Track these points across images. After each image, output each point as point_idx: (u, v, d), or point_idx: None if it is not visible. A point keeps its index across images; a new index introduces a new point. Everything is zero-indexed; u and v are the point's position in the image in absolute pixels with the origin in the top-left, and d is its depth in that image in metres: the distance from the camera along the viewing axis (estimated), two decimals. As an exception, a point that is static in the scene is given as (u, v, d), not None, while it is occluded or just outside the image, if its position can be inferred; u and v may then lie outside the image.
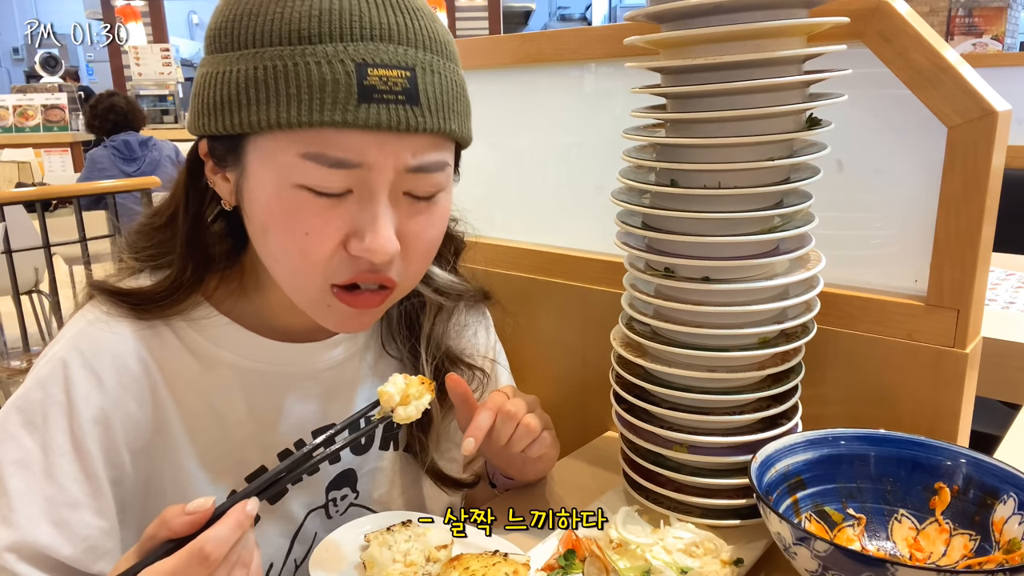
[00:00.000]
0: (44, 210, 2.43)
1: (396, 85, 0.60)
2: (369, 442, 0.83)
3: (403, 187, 0.64)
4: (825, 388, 0.85)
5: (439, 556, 0.70)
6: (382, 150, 0.61)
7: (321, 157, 0.60)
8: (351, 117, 0.58)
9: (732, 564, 0.69)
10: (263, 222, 0.65)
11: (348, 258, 0.64)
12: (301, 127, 0.59)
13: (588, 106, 1.07)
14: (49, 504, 0.65)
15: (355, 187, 0.62)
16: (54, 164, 5.81)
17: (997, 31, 4.72)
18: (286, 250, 0.65)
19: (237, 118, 0.61)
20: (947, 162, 0.75)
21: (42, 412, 0.66)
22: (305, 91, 0.58)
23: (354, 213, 0.63)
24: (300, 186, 0.61)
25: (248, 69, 0.60)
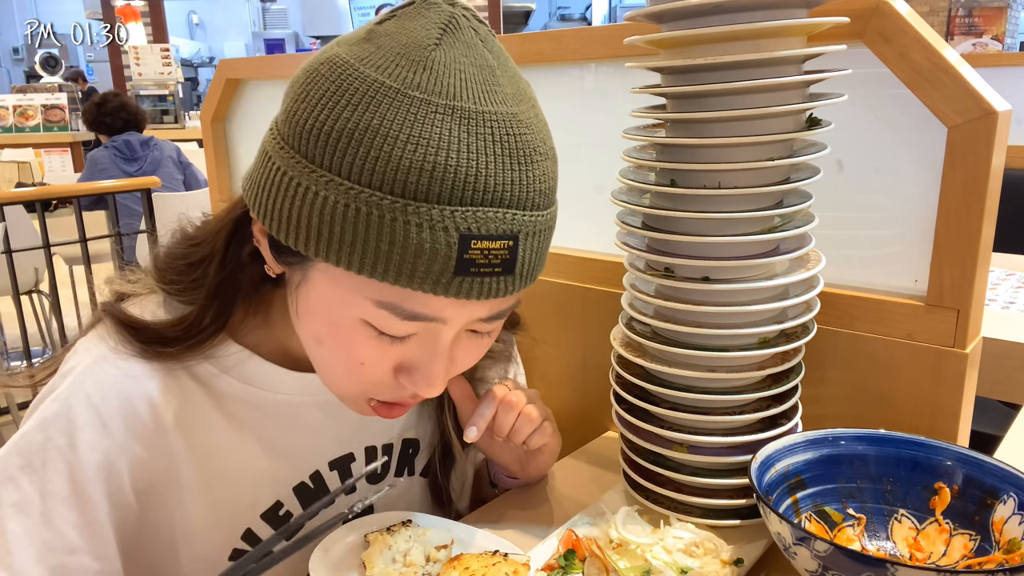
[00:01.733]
0: (44, 210, 2.43)
1: (496, 258, 0.55)
2: (385, 470, 0.82)
3: (468, 328, 0.62)
4: (825, 388, 0.85)
5: (439, 556, 0.70)
6: (462, 310, 0.58)
7: (398, 309, 0.57)
8: (442, 290, 0.54)
9: (732, 564, 0.69)
10: (318, 335, 0.62)
11: (394, 384, 0.63)
12: (387, 282, 0.55)
13: (588, 106, 1.07)
14: (46, 549, 0.63)
15: (421, 332, 0.60)
16: (54, 164, 5.81)
17: (997, 31, 4.72)
18: (333, 367, 0.64)
19: (315, 247, 0.56)
20: (947, 162, 0.75)
21: (42, 456, 0.63)
22: (399, 252, 0.53)
23: (413, 350, 0.61)
24: (365, 322, 0.58)
25: (339, 203, 0.53)
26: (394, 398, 0.65)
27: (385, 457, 0.80)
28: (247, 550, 0.72)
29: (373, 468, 0.67)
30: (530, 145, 0.57)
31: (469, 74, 0.55)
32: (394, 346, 0.60)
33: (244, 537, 0.73)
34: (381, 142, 0.52)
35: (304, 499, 0.76)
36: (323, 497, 0.76)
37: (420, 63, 0.54)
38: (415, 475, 0.85)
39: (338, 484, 0.78)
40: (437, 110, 0.53)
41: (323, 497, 0.76)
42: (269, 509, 0.74)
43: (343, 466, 0.78)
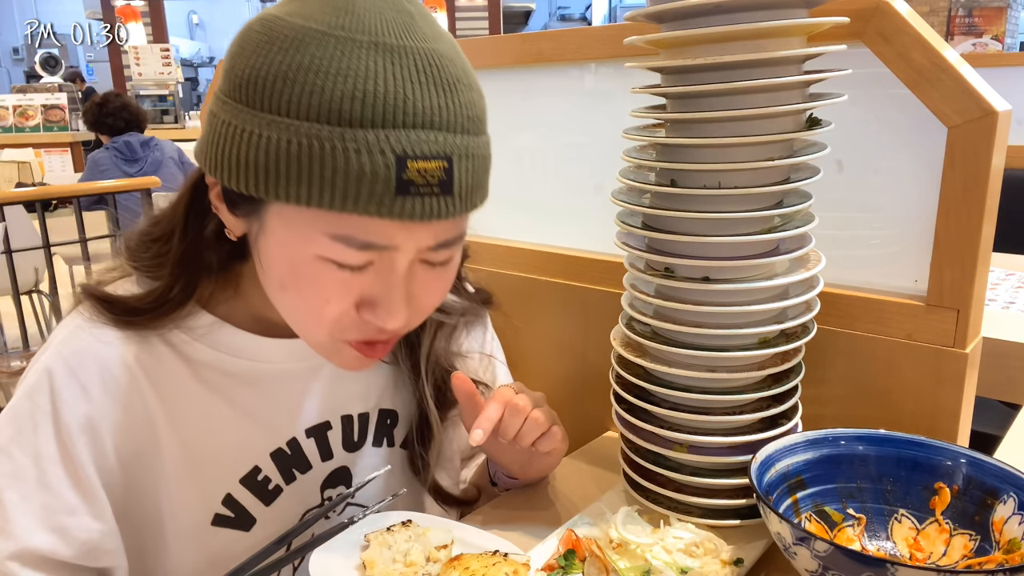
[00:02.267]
0: (44, 210, 2.43)
1: (433, 177, 0.59)
2: (363, 439, 0.83)
3: (420, 258, 0.64)
4: (825, 388, 0.85)
5: (439, 556, 0.70)
6: (410, 235, 0.61)
7: (350, 240, 0.60)
8: (386, 211, 0.58)
9: (732, 564, 0.69)
10: (281, 282, 0.65)
11: (359, 321, 0.65)
12: (335, 211, 0.58)
13: (588, 106, 1.07)
14: (46, 512, 0.66)
15: (376, 261, 0.62)
16: (54, 164, 5.81)
17: (997, 31, 4.72)
18: (299, 310, 0.66)
19: (264, 186, 0.59)
20: (947, 162, 0.75)
21: (31, 422, 0.67)
22: (341, 178, 0.57)
23: (372, 283, 0.63)
24: (323, 258, 0.61)
25: (281, 140, 0.57)
26: (363, 336, 0.66)
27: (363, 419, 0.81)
28: (229, 516, 0.74)
29: (372, 479, 0.70)
30: (453, 76, 0.60)
31: (389, 17, 0.59)
32: (354, 279, 0.62)
33: (225, 503, 0.74)
34: (313, 78, 0.56)
35: (281, 465, 0.77)
36: (300, 463, 0.79)
37: (342, 8, 0.58)
38: (394, 446, 0.85)
39: (315, 452, 0.80)
40: (362, 46, 0.57)
41: (300, 463, 0.79)
42: (248, 474, 0.75)
43: (320, 434, 0.80)
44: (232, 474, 0.75)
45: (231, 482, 0.75)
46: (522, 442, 0.78)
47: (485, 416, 0.75)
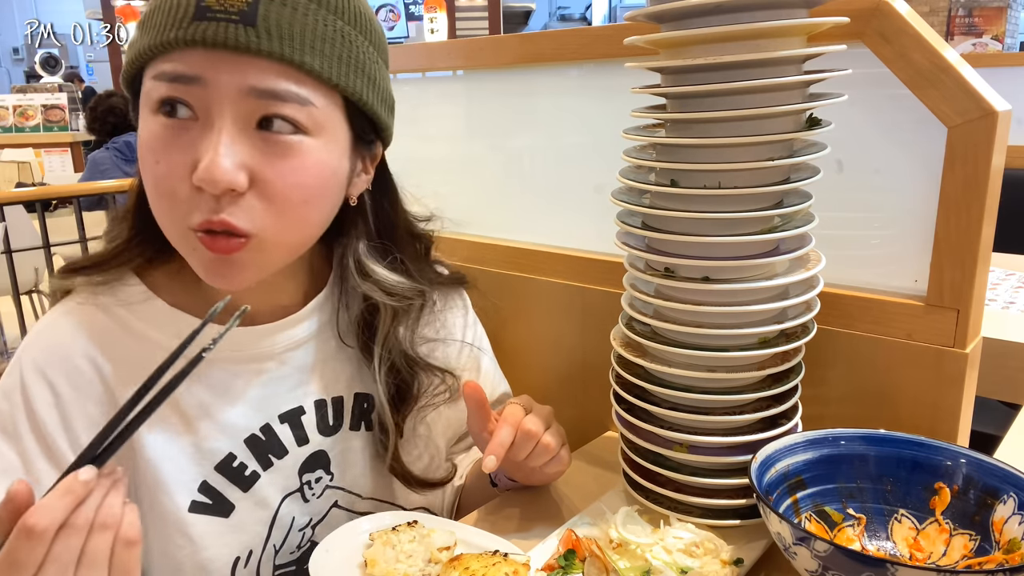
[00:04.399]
0: (44, 210, 2.43)
1: (232, 7, 0.61)
2: (339, 423, 0.83)
3: (251, 116, 0.64)
4: (825, 388, 0.85)
5: (440, 557, 0.70)
6: (214, 67, 0.62)
7: (161, 74, 0.63)
8: (183, 34, 0.61)
9: (732, 564, 0.69)
10: (140, 158, 0.67)
11: (195, 195, 0.64)
12: (153, 54, 0.63)
13: (588, 106, 1.07)
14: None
15: (199, 111, 0.63)
16: (54, 164, 5.81)
17: (997, 31, 4.72)
18: (148, 186, 0.66)
19: (130, 58, 0.66)
20: (947, 162, 0.75)
21: (12, 421, 0.70)
22: (159, 16, 0.63)
23: (197, 140, 0.63)
24: (155, 112, 0.64)
25: (144, 11, 0.66)
26: (202, 217, 0.64)
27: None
28: (206, 503, 0.75)
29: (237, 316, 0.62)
30: None
31: None
32: (179, 138, 0.63)
33: (201, 489, 0.75)
34: None
35: (256, 451, 0.77)
36: (275, 448, 0.79)
37: None
38: (373, 430, 0.84)
39: (290, 436, 0.79)
40: None
41: (275, 448, 0.79)
42: (222, 461, 0.76)
43: (293, 419, 0.80)
44: (206, 461, 0.75)
45: (206, 469, 0.75)
46: (530, 464, 0.79)
47: (498, 442, 0.74)
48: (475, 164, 1.22)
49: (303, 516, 0.80)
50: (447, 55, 1.19)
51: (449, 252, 1.20)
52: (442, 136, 1.26)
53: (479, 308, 0.97)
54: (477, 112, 1.21)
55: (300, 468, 0.80)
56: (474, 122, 1.22)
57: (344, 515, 0.82)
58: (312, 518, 0.81)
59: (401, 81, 1.27)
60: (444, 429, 0.91)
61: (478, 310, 0.96)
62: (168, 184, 0.64)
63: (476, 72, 1.18)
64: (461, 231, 1.21)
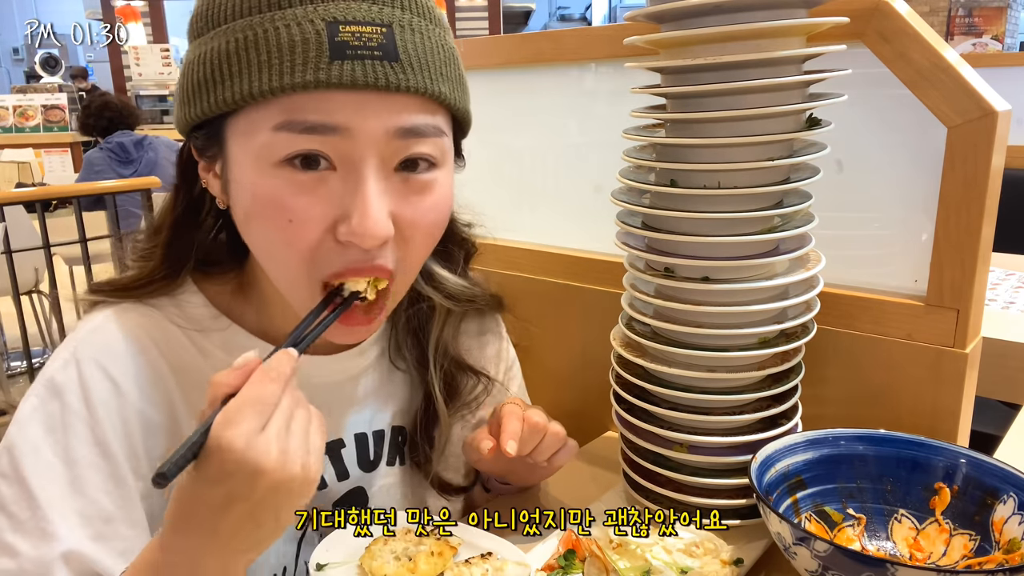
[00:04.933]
0: (44, 210, 2.43)
1: (371, 41, 0.56)
2: (378, 458, 0.81)
3: (393, 159, 0.59)
4: (825, 388, 0.85)
5: None
6: (360, 112, 0.56)
7: (293, 124, 0.56)
8: (323, 76, 0.54)
9: (732, 564, 0.69)
10: (246, 210, 0.61)
11: (337, 247, 0.59)
12: (274, 94, 0.56)
13: (588, 106, 1.07)
14: (82, 519, 0.62)
15: (338, 161, 0.58)
16: (54, 164, 5.81)
17: (997, 31, 4.72)
18: (270, 241, 0.61)
19: (212, 98, 0.58)
20: (947, 162, 0.75)
21: (62, 423, 0.63)
22: (276, 56, 0.55)
23: (340, 193, 0.58)
24: (279, 164, 0.58)
25: (220, 45, 0.57)
26: (342, 266, 0.60)
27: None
28: None
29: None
30: None
31: None
32: (316, 191, 0.58)
33: None
34: None
35: None
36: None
37: None
38: (406, 464, 0.83)
39: (330, 470, 0.77)
40: None
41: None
42: None
43: (334, 452, 0.78)
44: None
45: None
46: (538, 457, 0.77)
47: (510, 430, 0.73)
48: (475, 164, 1.22)
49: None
50: (447, 55, 1.19)
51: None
52: (442, 136, 1.25)
53: None
54: (477, 112, 1.21)
55: (336, 502, 0.78)
56: (474, 122, 1.22)
57: None
58: None
59: (401, 81, 1.27)
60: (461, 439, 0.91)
61: None
62: (304, 243, 0.59)
63: (476, 72, 1.18)
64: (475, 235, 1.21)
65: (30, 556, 0.59)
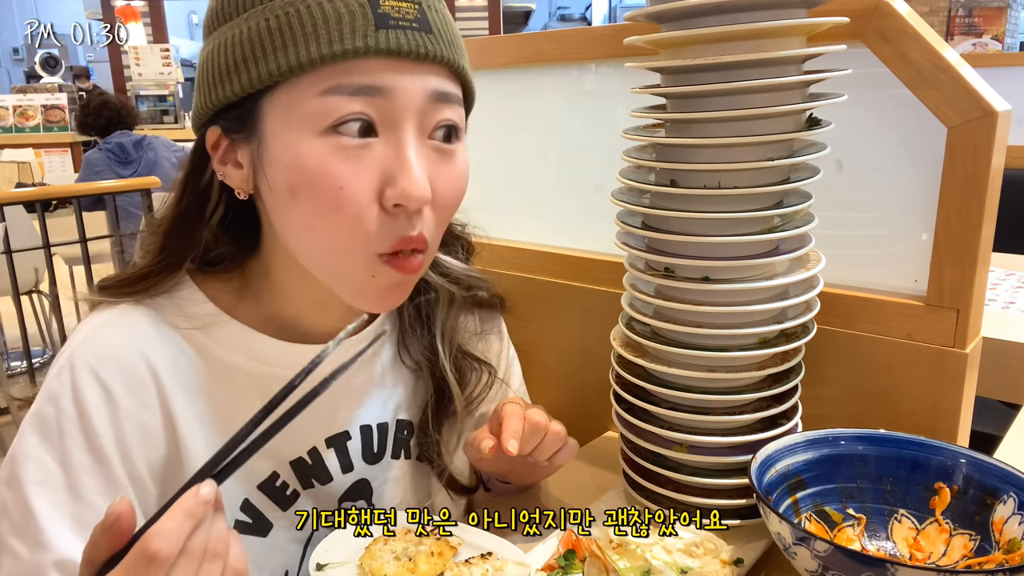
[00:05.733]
0: (44, 210, 2.43)
1: (408, 15, 0.61)
2: (383, 451, 0.81)
3: (427, 124, 0.63)
4: (825, 388, 0.85)
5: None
6: (402, 76, 0.61)
7: (341, 88, 0.60)
8: (372, 42, 0.59)
9: (732, 564, 0.69)
10: (291, 185, 0.62)
11: (388, 221, 0.62)
12: (324, 62, 0.59)
13: (588, 106, 1.07)
14: (78, 523, 0.63)
15: (381, 125, 0.61)
16: (54, 164, 5.81)
17: (997, 31, 4.71)
18: (320, 212, 0.62)
19: (254, 72, 0.60)
20: (947, 162, 0.75)
21: (57, 428, 0.64)
22: (322, 27, 0.59)
23: (383, 160, 0.61)
24: (326, 132, 0.60)
25: (260, 23, 0.60)
26: (395, 240, 0.63)
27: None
28: (247, 522, 0.73)
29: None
30: None
31: None
32: (362, 158, 0.61)
33: (243, 508, 0.73)
34: None
35: (301, 474, 0.75)
36: (320, 474, 0.76)
37: None
38: (411, 458, 0.83)
39: (335, 462, 0.77)
40: None
41: (320, 474, 0.76)
42: (266, 480, 0.74)
43: (339, 444, 0.78)
44: (250, 481, 0.73)
45: (250, 488, 0.73)
46: (539, 456, 0.77)
47: (511, 429, 0.73)
48: (475, 164, 1.22)
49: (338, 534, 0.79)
50: (447, 55, 1.19)
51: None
52: (442, 136, 1.26)
53: None
54: (477, 112, 1.21)
55: (342, 496, 0.78)
56: (474, 122, 1.22)
57: None
58: None
59: (401, 81, 1.27)
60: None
61: None
62: (354, 210, 0.61)
63: (476, 72, 1.18)
64: (468, 232, 1.21)
65: (28, 560, 0.61)
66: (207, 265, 0.73)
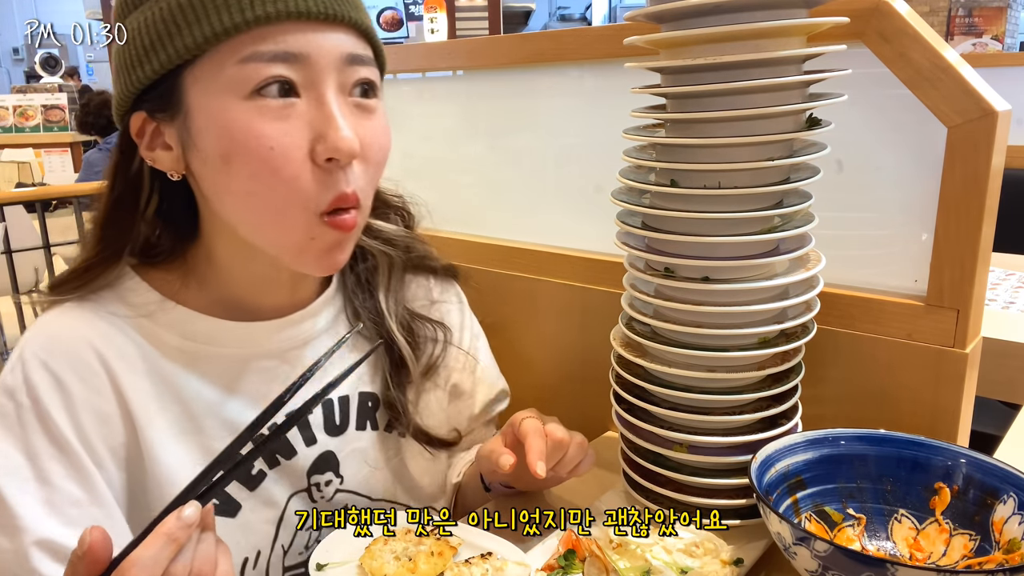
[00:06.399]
0: (44, 210, 2.43)
1: None
2: (345, 423, 0.82)
3: (346, 84, 0.66)
4: (825, 388, 0.85)
5: None
6: (315, 40, 0.63)
7: (258, 55, 0.61)
8: (282, 7, 0.61)
9: (732, 564, 0.69)
10: (223, 154, 0.64)
11: (323, 177, 0.64)
12: (238, 30, 0.61)
13: (588, 106, 1.07)
14: (51, 507, 0.65)
15: (302, 87, 0.63)
16: (54, 164, 5.81)
17: (997, 31, 4.71)
18: (256, 175, 0.64)
19: (171, 49, 0.62)
20: (947, 162, 0.75)
21: (18, 421, 0.66)
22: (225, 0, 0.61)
23: (309, 117, 0.63)
24: (250, 96, 0.62)
25: (170, 3, 0.62)
26: (333, 197, 0.65)
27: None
28: (214, 503, 0.72)
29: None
30: None
31: None
32: (288, 117, 0.63)
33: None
34: None
35: (264, 450, 0.75)
36: (284, 449, 0.78)
37: None
38: (379, 430, 0.84)
39: (297, 436, 0.79)
40: None
41: (284, 449, 0.78)
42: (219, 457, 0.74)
43: (301, 418, 0.78)
44: (208, 459, 0.74)
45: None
46: (561, 471, 0.78)
47: (536, 450, 0.72)
48: (475, 164, 1.22)
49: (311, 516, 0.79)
50: (447, 55, 1.19)
51: (449, 252, 1.20)
52: (442, 136, 1.26)
53: (476, 305, 0.97)
54: (477, 112, 1.21)
55: (309, 469, 0.80)
56: (474, 122, 1.22)
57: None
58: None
59: (401, 81, 1.27)
60: (441, 422, 0.91)
61: (475, 307, 0.97)
62: (289, 170, 0.63)
63: (476, 72, 1.18)
64: (461, 231, 1.21)
65: (7, 547, 0.64)
66: (149, 259, 0.75)
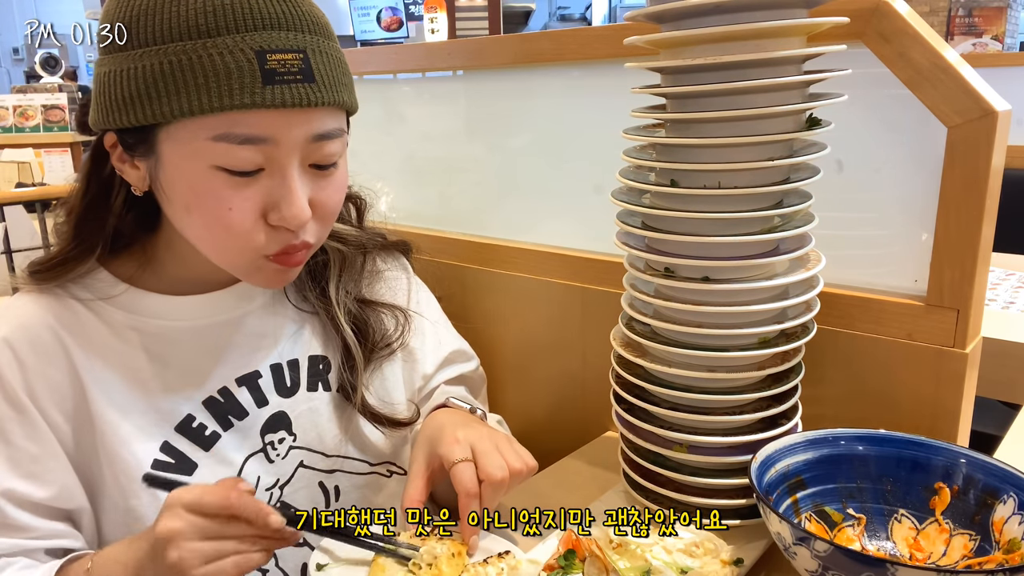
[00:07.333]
0: (44, 210, 2.43)
1: (293, 67, 0.66)
2: (296, 385, 0.86)
3: (308, 159, 0.70)
4: (825, 388, 0.85)
5: None
6: (286, 125, 0.67)
7: (230, 136, 0.66)
8: (259, 98, 0.65)
9: (732, 564, 0.69)
10: (186, 204, 0.70)
11: (271, 231, 0.71)
12: (213, 112, 0.65)
13: (588, 106, 1.07)
14: (12, 464, 0.73)
15: (266, 164, 0.68)
16: (54, 164, 5.79)
17: (997, 31, 4.71)
18: (211, 227, 0.70)
19: (149, 110, 0.66)
20: (947, 162, 0.75)
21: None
22: (213, 80, 0.64)
23: (269, 188, 0.69)
24: (215, 167, 0.67)
25: (154, 65, 0.65)
26: (279, 245, 0.72)
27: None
28: (168, 462, 0.79)
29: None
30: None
31: None
32: (249, 184, 0.68)
33: (163, 449, 0.78)
34: (170, 5, 0.65)
35: (216, 412, 0.81)
36: (235, 410, 0.82)
37: None
38: (331, 391, 0.88)
39: (249, 399, 0.83)
40: None
41: (235, 410, 0.82)
42: (182, 422, 0.79)
43: (251, 382, 0.83)
44: (166, 423, 0.79)
45: (166, 430, 0.79)
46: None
47: (468, 530, 0.73)
48: (475, 164, 1.22)
49: (269, 476, 0.82)
50: (447, 55, 1.19)
51: (449, 252, 1.20)
52: (442, 136, 1.26)
53: (476, 305, 0.97)
54: (477, 112, 1.21)
55: (262, 429, 0.83)
56: (474, 122, 1.22)
57: (310, 474, 0.85)
58: (279, 479, 0.83)
59: (401, 81, 1.27)
60: (397, 386, 0.93)
61: (476, 307, 0.97)
62: (243, 228, 0.70)
63: (476, 72, 1.18)
64: (461, 231, 1.21)
65: None
66: (112, 249, 0.80)
